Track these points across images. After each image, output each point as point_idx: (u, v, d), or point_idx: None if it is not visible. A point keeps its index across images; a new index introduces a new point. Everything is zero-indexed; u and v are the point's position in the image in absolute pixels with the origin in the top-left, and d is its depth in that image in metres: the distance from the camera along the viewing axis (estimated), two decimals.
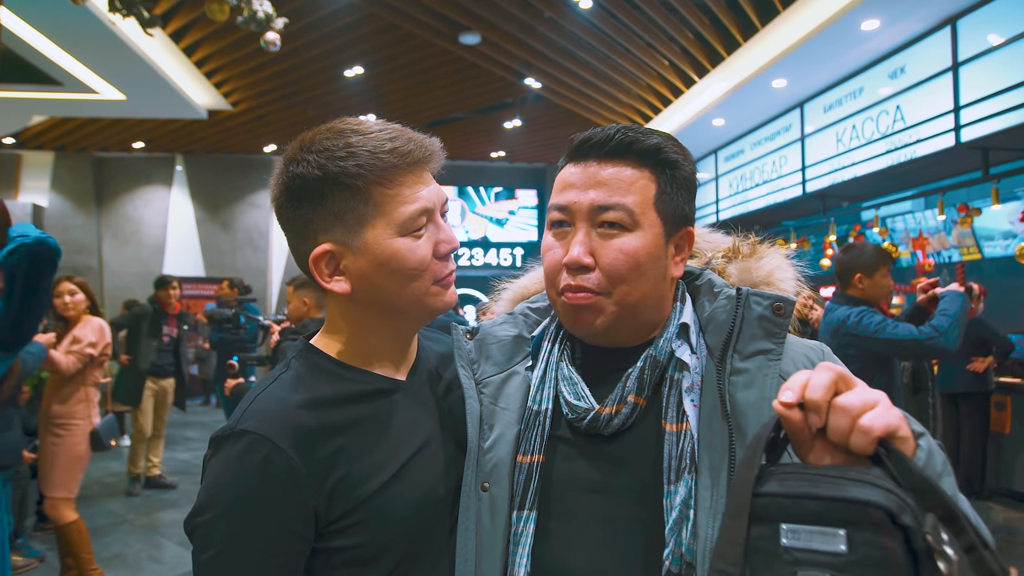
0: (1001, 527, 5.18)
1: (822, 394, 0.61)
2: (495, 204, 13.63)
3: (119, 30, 6.23)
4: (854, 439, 0.60)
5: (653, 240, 0.90)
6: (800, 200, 7.93)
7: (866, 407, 0.60)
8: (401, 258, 0.90)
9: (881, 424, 0.59)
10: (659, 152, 0.91)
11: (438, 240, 0.94)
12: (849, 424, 0.60)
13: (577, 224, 0.91)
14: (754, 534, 0.57)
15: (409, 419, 0.95)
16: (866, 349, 3.12)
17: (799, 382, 0.63)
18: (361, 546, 0.87)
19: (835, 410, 0.61)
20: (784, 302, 0.89)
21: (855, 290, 3.26)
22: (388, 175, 0.89)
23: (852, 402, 0.60)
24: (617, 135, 0.90)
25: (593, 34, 7.46)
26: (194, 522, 0.83)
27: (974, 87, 5.55)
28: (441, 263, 0.94)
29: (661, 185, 0.91)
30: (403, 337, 0.99)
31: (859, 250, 3.32)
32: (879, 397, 0.62)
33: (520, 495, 0.90)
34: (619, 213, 0.89)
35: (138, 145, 11.92)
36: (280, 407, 0.87)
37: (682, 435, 0.85)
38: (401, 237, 0.90)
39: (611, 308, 0.90)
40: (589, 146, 0.92)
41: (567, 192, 0.92)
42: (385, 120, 0.96)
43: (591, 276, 0.89)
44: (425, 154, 0.92)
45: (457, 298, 1.00)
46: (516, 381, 0.98)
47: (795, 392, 0.62)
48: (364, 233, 0.89)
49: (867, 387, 0.63)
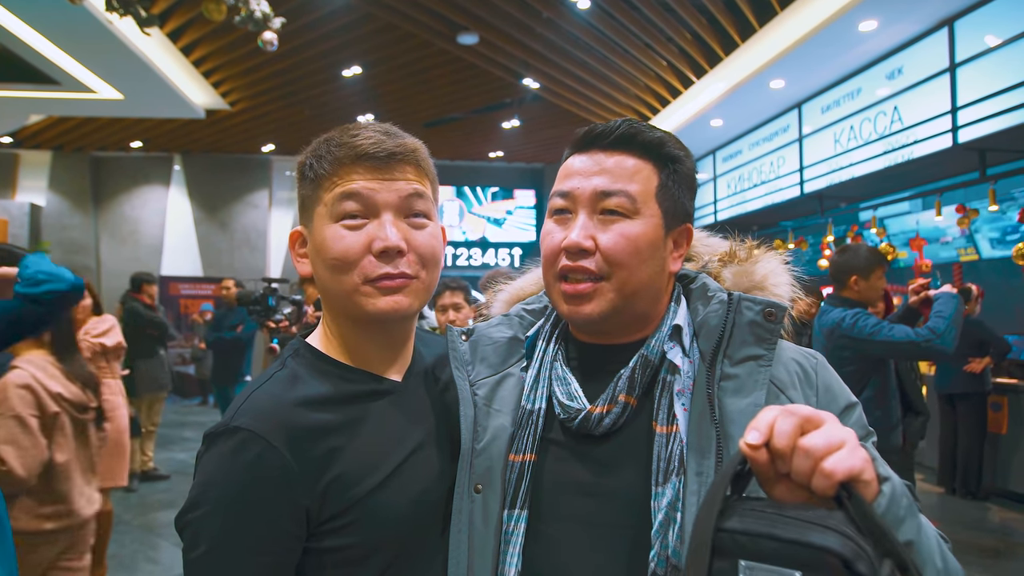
0: (998, 527, 5.19)
1: (786, 441, 0.61)
2: (492, 204, 13.63)
3: (116, 29, 6.22)
4: (816, 482, 0.60)
5: (653, 230, 0.91)
6: (798, 201, 7.94)
7: (830, 449, 0.60)
8: (327, 245, 0.92)
9: (843, 469, 0.59)
10: (663, 146, 0.93)
11: (375, 236, 0.90)
12: (811, 467, 0.60)
13: (578, 210, 0.92)
14: (715, 567, 0.59)
15: (404, 420, 0.95)
16: (861, 351, 3.10)
17: (766, 422, 0.62)
18: (353, 546, 0.86)
19: (798, 452, 0.60)
20: (776, 308, 0.89)
21: (850, 292, 3.25)
22: (335, 167, 0.92)
23: (816, 445, 0.60)
24: (622, 126, 0.93)
25: (591, 34, 7.46)
26: (185, 519, 0.83)
27: (971, 88, 5.56)
28: (374, 262, 0.90)
29: (663, 179, 0.92)
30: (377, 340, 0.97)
31: (854, 251, 3.31)
32: (845, 438, 0.61)
33: (511, 494, 0.90)
34: (621, 199, 0.90)
35: (136, 145, 11.90)
36: (274, 405, 0.87)
37: (671, 438, 0.85)
38: (332, 224, 0.92)
39: (609, 294, 0.90)
40: (594, 136, 0.94)
41: (571, 179, 0.93)
42: (384, 120, 0.98)
43: (591, 260, 0.89)
44: (377, 149, 0.91)
45: (402, 308, 0.91)
46: (510, 383, 0.98)
47: (761, 433, 0.62)
48: (312, 219, 0.95)
49: (836, 426, 0.62)
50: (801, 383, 0.90)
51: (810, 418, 0.62)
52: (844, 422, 0.89)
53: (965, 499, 5.76)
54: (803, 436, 0.61)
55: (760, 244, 1.04)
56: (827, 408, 0.89)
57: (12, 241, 10.65)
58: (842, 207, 8.06)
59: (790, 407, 0.63)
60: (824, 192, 7.50)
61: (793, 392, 0.89)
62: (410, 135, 0.97)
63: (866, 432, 0.90)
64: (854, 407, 0.92)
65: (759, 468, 0.63)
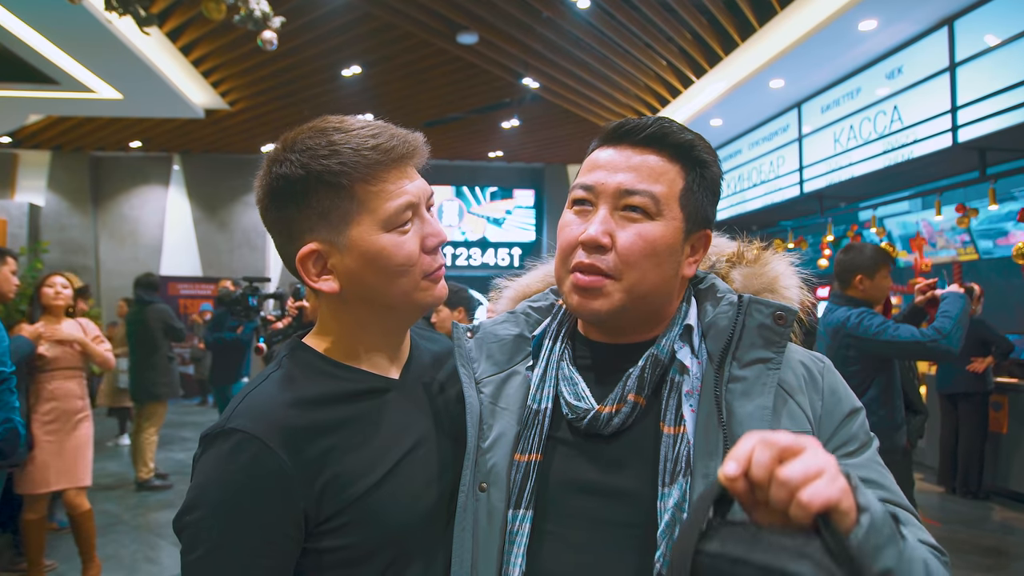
0: (999, 527, 5.19)
1: (763, 472, 0.61)
2: (491, 204, 13.62)
3: (115, 29, 6.21)
4: (793, 511, 0.60)
5: (673, 233, 0.90)
6: (797, 200, 7.94)
7: (807, 480, 0.60)
8: (388, 255, 0.89)
9: (819, 500, 0.59)
10: (692, 149, 0.92)
11: (425, 234, 0.93)
12: (788, 497, 0.60)
13: (599, 205, 0.90)
14: None
15: (402, 418, 0.94)
16: (866, 351, 3.08)
17: (744, 452, 0.62)
18: (352, 546, 0.86)
19: (775, 483, 0.60)
20: (786, 311, 0.89)
21: (855, 291, 3.22)
22: (371, 172, 0.88)
23: (793, 476, 0.60)
24: (653, 124, 0.91)
25: (591, 34, 7.46)
26: (182, 521, 0.82)
27: (971, 88, 5.56)
28: (429, 257, 0.93)
29: (689, 182, 0.91)
30: (394, 334, 0.98)
31: (859, 250, 3.29)
32: (824, 467, 0.61)
33: (516, 493, 0.89)
34: (644, 199, 0.88)
35: (135, 144, 11.89)
36: (270, 406, 0.86)
37: (679, 438, 0.85)
38: (387, 233, 0.89)
39: (618, 294, 0.89)
40: (624, 131, 0.92)
41: (595, 172, 0.92)
42: (383, 120, 0.95)
43: (606, 258, 0.88)
44: (408, 149, 0.91)
45: (447, 292, 0.99)
46: (517, 381, 0.97)
47: (739, 464, 0.62)
48: (349, 231, 0.89)
49: (815, 454, 0.62)
50: (807, 386, 0.90)
51: (789, 447, 0.62)
52: (848, 427, 0.89)
53: (966, 499, 5.76)
54: (781, 465, 0.61)
55: (768, 245, 1.03)
56: (832, 412, 0.89)
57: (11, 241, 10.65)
58: (842, 207, 8.06)
59: (769, 436, 0.63)
60: (824, 192, 7.50)
61: (800, 396, 0.88)
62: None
63: (868, 438, 0.90)
64: (858, 412, 0.91)
65: (739, 496, 0.63)
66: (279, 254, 0.94)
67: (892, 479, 0.88)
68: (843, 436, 0.88)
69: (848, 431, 0.89)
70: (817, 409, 0.89)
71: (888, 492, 0.85)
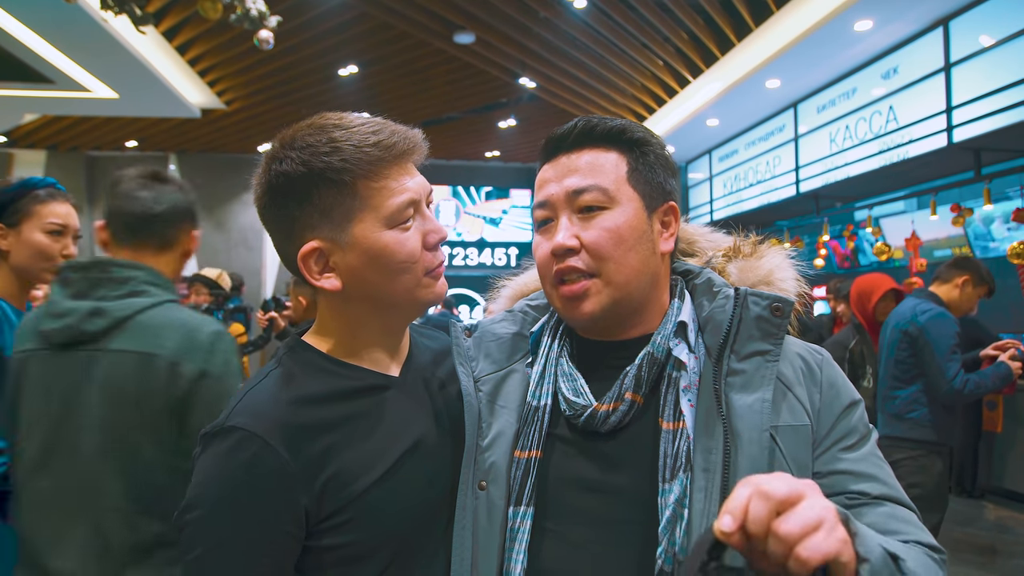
0: (993, 525, 5.21)
1: (759, 528, 0.60)
2: (487, 203, 13.61)
3: (111, 28, 6.19)
4: (792, 566, 0.59)
5: (635, 214, 0.91)
6: (794, 200, 7.95)
7: (805, 533, 0.59)
8: (391, 252, 0.89)
9: (818, 555, 0.58)
10: (623, 132, 0.93)
11: (426, 231, 0.93)
12: (787, 552, 0.59)
13: (559, 214, 0.92)
14: None
15: (402, 416, 0.94)
16: (918, 349, 3.19)
17: (739, 505, 0.61)
18: (352, 544, 0.86)
19: (773, 538, 0.60)
20: (783, 303, 0.89)
21: (945, 289, 3.30)
22: (374, 168, 0.88)
23: (791, 531, 0.59)
24: (579, 124, 0.94)
25: (588, 34, 7.46)
26: (182, 520, 0.82)
27: (966, 88, 5.58)
28: (431, 254, 0.94)
29: (632, 163, 0.93)
30: (394, 331, 0.98)
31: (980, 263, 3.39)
32: (822, 519, 0.60)
33: (517, 490, 0.89)
34: (594, 194, 0.90)
35: (131, 144, 11.85)
36: (270, 403, 0.86)
37: (678, 434, 0.85)
38: (389, 230, 0.89)
39: (604, 291, 0.90)
40: (556, 142, 0.95)
41: (545, 188, 0.94)
42: (415, 130, 0.96)
43: (578, 257, 0.90)
44: (409, 145, 0.92)
45: (447, 289, 1.00)
46: (515, 379, 0.98)
47: (735, 519, 0.61)
48: (352, 228, 0.88)
49: (813, 503, 0.61)
50: (805, 379, 0.90)
51: (786, 499, 0.60)
52: (847, 420, 0.89)
53: (961, 497, 5.77)
54: (778, 519, 0.60)
55: (764, 239, 1.04)
56: (831, 405, 0.89)
57: None
58: (837, 207, 8.08)
59: (765, 487, 0.61)
60: (820, 192, 7.51)
61: (798, 388, 0.89)
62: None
63: (867, 430, 0.90)
64: (857, 404, 0.91)
65: (736, 547, 0.63)
66: (278, 252, 0.93)
67: (890, 472, 0.88)
68: (842, 429, 0.88)
69: (847, 424, 0.89)
70: (816, 402, 0.89)
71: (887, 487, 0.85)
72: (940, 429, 3.20)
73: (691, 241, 1.08)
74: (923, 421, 3.19)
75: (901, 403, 3.26)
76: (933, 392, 3.18)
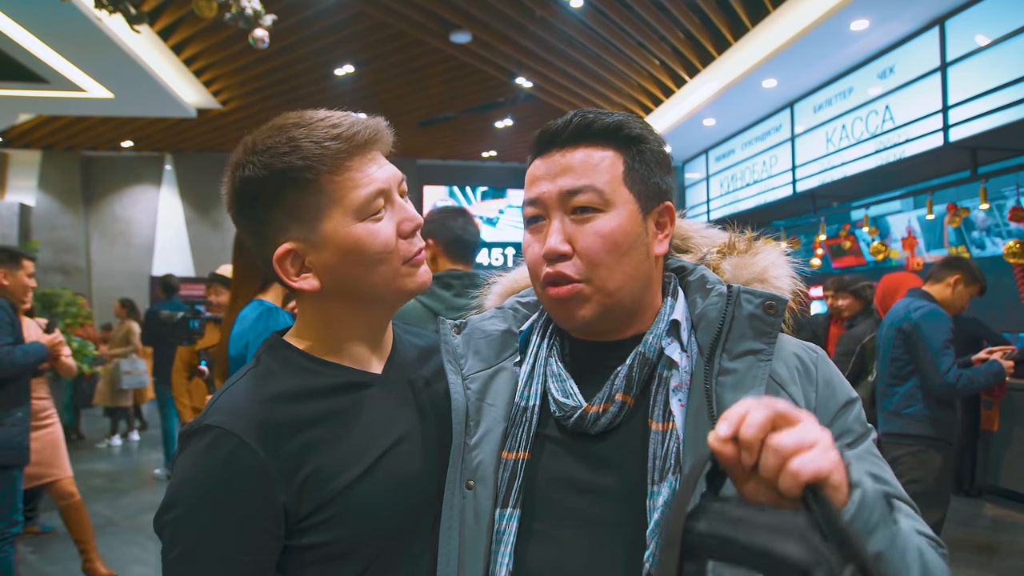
0: (991, 524, 5.21)
1: (755, 432, 0.59)
2: (484, 203, 13.61)
3: (106, 27, 6.17)
4: (782, 480, 0.58)
5: (629, 218, 0.88)
6: (790, 200, 7.97)
7: (800, 449, 0.58)
8: (364, 244, 0.87)
9: (810, 470, 0.57)
10: (621, 129, 0.90)
11: (399, 219, 0.91)
12: (779, 465, 0.58)
13: (551, 215, 0.89)
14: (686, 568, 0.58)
15: (384, 413, 0.93)
16: (912, 345, 3.23)
17: (736, 415, 0.60)
18: (334, 542, 0.84)
19: (767, 449, 0.58)
20: (776, 301, 0.87)
21: (938, 288, 3.33)
22: (336, 162, 0.86)
23: (785, 443, 0.58)
24: (575, 119, 0.90)
25: (584, 33, 7.46)
26: (162, 520, 0.81)
27: (962, 87, 5.59)
28: (407, 242, 0.91)
29: (629, 162, 0.89)
30: (376, 327, 0.97)
31: (973, 263, 3.41)
32: (817, 438, 0.59)
33: (504, 492, 0.88)
34: (589, 195, 0.87)
35: (127, 144, 11.82)
36: (247, 401, 0.85)
37: (667, 435, 0.83)
38: (360, 223, 0.87)
39: (594, 296, 0.87)
40: (549, 136, 0.91)
41: (536, 185, 0.91)
42: (377, 118, 0.93)
43: (570, 263, 0.87)
44: (371, 135, 0.89)
45: (431, 278, 0.97)
46: (504, 377, 0.96)
47: (731, 426, 0.60)
48: (322, 225, 0.87)
49: (811, 425, 0.60)
50: (801, 378, 0.88)
51: (785, 414, 0.60)
52: (843, 418, 0.87)
53: (958, 496, 5.78)
54: (774, 432, 0.59)
55: (759, 236, 1.02)
56: (827, 403, 0.87)
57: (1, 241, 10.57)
58: (834, 206, 8.10)
59: (767, 400, 0.61)
60: (816, 191, 7.53)
61: (793, 388, 0.87)
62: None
63: (865, 429, 0.89)
64: (853, 403, 0.90)
65: (727, 464, 0.61)
66: (258, 259, 0.92)
67: (890, 471, 0.86)
68: (839, 428, 0.87)
69: (844, 423, 0.87)
70: (811, 401, 0.87)
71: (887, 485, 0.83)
72: (937, 424, 3.23)
73: (686, 237, 1.06)
74: (919, 416, 3.22)
75: (898, 400, 3.28)
76: (928, 387, 3.21)
